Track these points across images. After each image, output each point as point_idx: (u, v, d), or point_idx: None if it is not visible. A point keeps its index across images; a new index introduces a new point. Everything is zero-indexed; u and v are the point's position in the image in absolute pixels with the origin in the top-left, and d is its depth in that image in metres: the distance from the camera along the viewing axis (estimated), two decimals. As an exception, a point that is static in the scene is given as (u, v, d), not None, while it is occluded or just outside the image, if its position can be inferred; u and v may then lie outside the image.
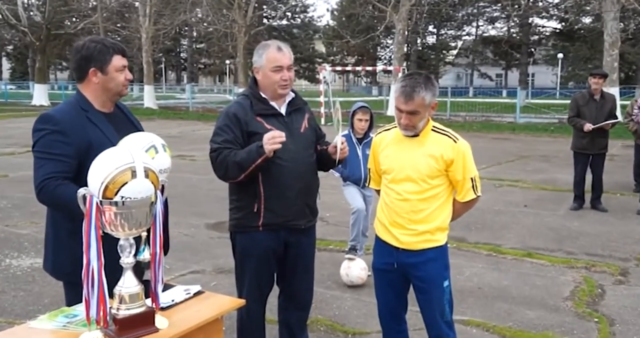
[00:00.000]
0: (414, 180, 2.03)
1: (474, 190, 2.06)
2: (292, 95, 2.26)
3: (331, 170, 2.75)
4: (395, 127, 2.10)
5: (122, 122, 1.95)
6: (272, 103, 2.21)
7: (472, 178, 2.05)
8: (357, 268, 3.56)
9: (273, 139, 2.01)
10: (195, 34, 40.87)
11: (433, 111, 2.01)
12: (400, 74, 16.44)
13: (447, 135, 2.04)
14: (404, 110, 1.96)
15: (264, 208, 2.16)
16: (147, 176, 1.42)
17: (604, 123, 5.45)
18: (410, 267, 2.09)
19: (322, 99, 15.92)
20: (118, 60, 1.85)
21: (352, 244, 3.74)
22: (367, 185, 2.32)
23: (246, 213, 2.19)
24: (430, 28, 39.62)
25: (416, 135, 2.04)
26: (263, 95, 2.20)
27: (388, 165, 2.09)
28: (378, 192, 2.25)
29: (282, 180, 2.15)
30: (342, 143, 2.17)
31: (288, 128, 2.19)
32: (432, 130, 2.05)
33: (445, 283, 2.10)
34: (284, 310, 2.42)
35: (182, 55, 47.56)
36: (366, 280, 3.57)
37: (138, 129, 1.97)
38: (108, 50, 1.84)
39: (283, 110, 2.23)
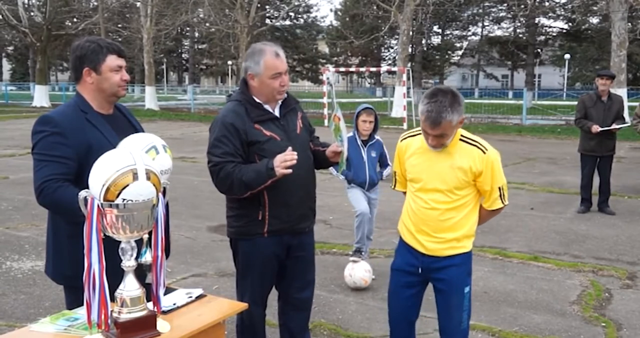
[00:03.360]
0: (442, 191, 2.01)
1: (501, 199, 2.05)
2: (285, 95, 2.22)
3: (335, 173, 2.73)
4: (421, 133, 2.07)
5: (122, 123, 1.93)
6: (267, 107, 2.16)
7: (500, 188, 2.03)
8: (361, 270, 3.52)
9: (284, 162, 1.96)
10: (197, 34, 40.88)
11: (461, 125, 1.97)
12: (404, 75, 16.39)
13: (476, 145, 2.00)
14: (430, 134, 1.93)
15: (269, 216, 2.12)
16: (148, 178, 1.40)
17: (612, 127, 5.40)
18: (434, 271, 2.09)
19: (325, 100, 15.91)
20: (112, 60, 1.83)
21: (357, 246, 3.70)
22: (393, 187, 2.29)
23: (250, 221, 2.15)
24: (435, 28, 39.51)
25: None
26: (257, 100, 2.15)
27: (415, 174, 2.07)
28: (404, 193, 2.22)
29: (286, 187, 2.11)
30: (341, 149, 2.15)
31: (285, 131, 2.15)
32: (461, 139, 2.01)
33: (466, 289, 2.09)
34: (284, 313, 2.39)
35: (183, 56, 47.53)
36: (370, 284, 3.54)
37: (138, 130, 1.95)
38: (102, 50, 1.82)
39: (277, 113, 2.19)
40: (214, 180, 2.12)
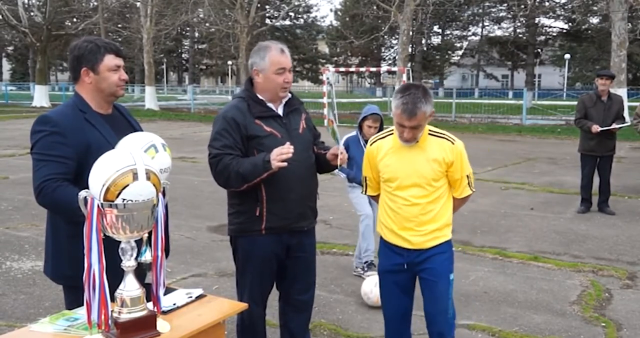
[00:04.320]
0: (420, 185, 2.09)
1: (469, 186, 2.16)
2: (289, 95, 2.24)
3: (337, 171, 2.73)
4: (391, 134, 2.15)
5: (121, 123, 1.93)
6: (270, 104, 2.19)
7: (467, 176, 2.16)
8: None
9: (280, 155, 1.99)
10: (197, 34, 40.89)
11: (430, 119, 2.07)
12: (404, 75, 16.39)
13: (444, 137, 2.12)
14: (407, 126, 2.00)
15: (266, 212, 2.14)
16: (148, 178, 1.40)
17: (612, 126, 5.40)
18: (420, 263, 2.14)
19: (325, 100, 15.92)
20: (110, 60, 1.83)
21: (369, 259, 3.58)
22: (364, 192, 2.33)
23: (248, 218, 2.17)
24: (435, 28, 39.52)
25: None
26: (260, 97, 2.18)
27: (391, 173, 2.13)
28: (373, 197, 2.30)
29: (284, 183, 2.13)
30: (342, 153, 2.17)
31: (287, 129, 2.17)
32: (429, 134, 2.11)
33: (451, 277, 2.16)
34: (285, 314, 2.39)
35: (183, 56, 47.50)
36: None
37: (137, 130, 1.95)
38: (99, 50, 1.82)
39: (280, 111, 2.21)
40: (212, 173, 2.14)
